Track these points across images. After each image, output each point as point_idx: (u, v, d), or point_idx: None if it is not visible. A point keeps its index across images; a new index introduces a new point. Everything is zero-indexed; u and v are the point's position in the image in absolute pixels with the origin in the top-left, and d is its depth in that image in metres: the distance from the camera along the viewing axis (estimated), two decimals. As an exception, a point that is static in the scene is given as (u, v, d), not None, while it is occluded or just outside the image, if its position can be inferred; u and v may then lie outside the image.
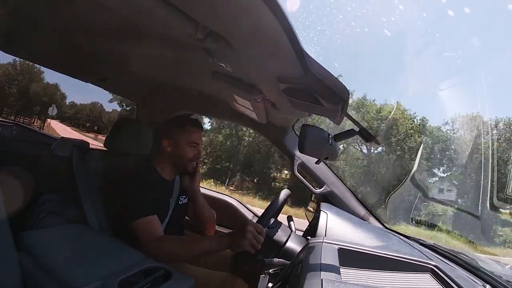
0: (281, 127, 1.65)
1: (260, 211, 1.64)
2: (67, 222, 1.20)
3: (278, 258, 1.06)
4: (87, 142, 1.46)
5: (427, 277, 0.74)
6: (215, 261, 1.37)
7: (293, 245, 1.17)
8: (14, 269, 0.83)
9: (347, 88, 0.85)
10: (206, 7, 0.69)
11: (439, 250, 1.16)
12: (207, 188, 2.21)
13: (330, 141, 0.96)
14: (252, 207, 2.19)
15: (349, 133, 0.96)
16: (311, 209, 1.74)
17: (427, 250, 1.14)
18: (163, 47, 1.08)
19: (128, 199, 1.20)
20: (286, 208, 1.45)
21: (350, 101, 0.88)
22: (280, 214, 1.36)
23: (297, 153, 1.66)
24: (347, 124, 0.98)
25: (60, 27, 1.16)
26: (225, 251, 1.30)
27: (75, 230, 1.12)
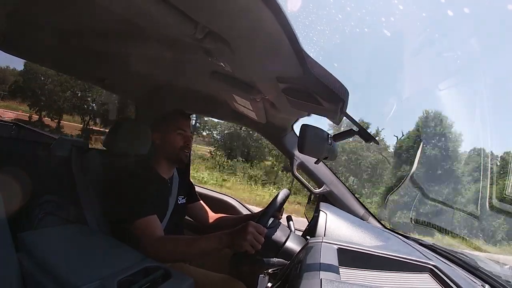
0: (281, 127, 1.65)
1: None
2: (66, 222, 1.20)
3: (278, 258, 1.06)
4: (86, 142, 1.46)
5: (426, 277, 0.74)
6: (214, 262, 1.37)
7: (293, 245, 1.17)
8: (13, 269, 0.83)
9: (346, 88, 0.85)
10: (206, 7, 0.68)
11: (438, 250, 1.16)
12: (207, 188, 2.20)
13: (330, 141, 0.96)
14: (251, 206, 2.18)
15: (348, 133, 0.96)
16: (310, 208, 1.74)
17: (426, 250, 1.14)
18: (162, 47, 1.08)
19: (127, 199, 1.20)
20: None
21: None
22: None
23: (296, 153, 1.66)
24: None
25: (60, 27, 1.16)
26: (224, 252, 1.30)
27: (75, 231, 1.12)
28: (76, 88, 14.08)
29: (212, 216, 1.58)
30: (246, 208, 2.01)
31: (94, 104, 14.89)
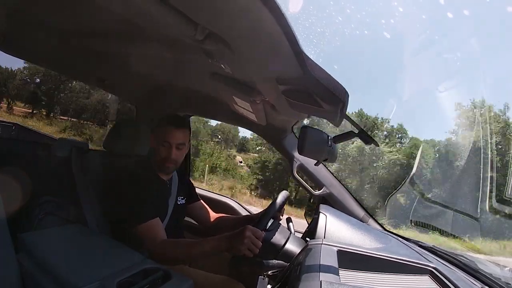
0: (281, 128, 1.65)
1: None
2: (66, 223, 1.20)
3: (277, 260, 1.05)
4: (87, 143, 1.46)
5: (426, 279, 0.74)
6: (213, 264, 1.37)
7: (292, 246, 1.16)
8: (13, 269, 0.83)
9: (346, 90, 0.85)
10: (206, 9, 0.69)
11: (438, 252, 1.16)
12: (206, 189, 2.20)
13: (329, 143, 0.96)
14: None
15: (348, 135, 0.96)
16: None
17: (426, 252, 1.14)
18: (162, 48, 1.08)
19: (128, 202, 1.20)
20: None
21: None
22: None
23: (296, 154, 1.66)
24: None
25: (60, 27, 1.16)
26: (224, 254, 1.30)
27: (74, 231, 1.12)
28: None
29: (213, 215, 1.57)
30: (246, 210, 2.01)
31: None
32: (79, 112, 17.56)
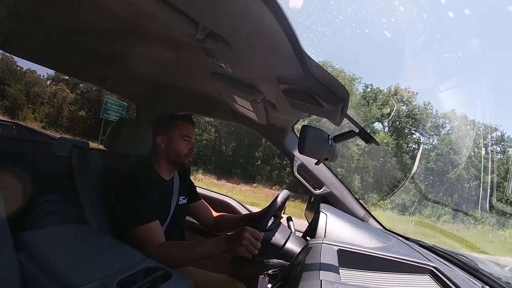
0: (281, 128, 1.65)
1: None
2: (66, 222, 1.20)
3: (278, 259, 1.06)
4: (87, 142, 1.46)
5: (426, 278, 0.74)
6: (214, 263, 1.37)
7: (293, 246, 1.16)
8: (13, 268, 0.83)
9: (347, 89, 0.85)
10: (206, 8, 0.68)
11: (438, 252, 1.16)
12: (207, 188, 2.20)
13: (330, 142, 0.96)
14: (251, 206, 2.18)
15: (348, 134, 0.96)
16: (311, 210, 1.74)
17: (426, 251, 1.14)
18: (162, 47, 1.08)
19: (128, 204, 1.19)
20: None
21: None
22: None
23: (297, 154, 1.66)
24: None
25: (60, 27, 1.16)
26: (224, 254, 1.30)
27: (75, 230, 1.12)
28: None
29: (214, 215, 1.58)
30: (246, 209, 2.01)
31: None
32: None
